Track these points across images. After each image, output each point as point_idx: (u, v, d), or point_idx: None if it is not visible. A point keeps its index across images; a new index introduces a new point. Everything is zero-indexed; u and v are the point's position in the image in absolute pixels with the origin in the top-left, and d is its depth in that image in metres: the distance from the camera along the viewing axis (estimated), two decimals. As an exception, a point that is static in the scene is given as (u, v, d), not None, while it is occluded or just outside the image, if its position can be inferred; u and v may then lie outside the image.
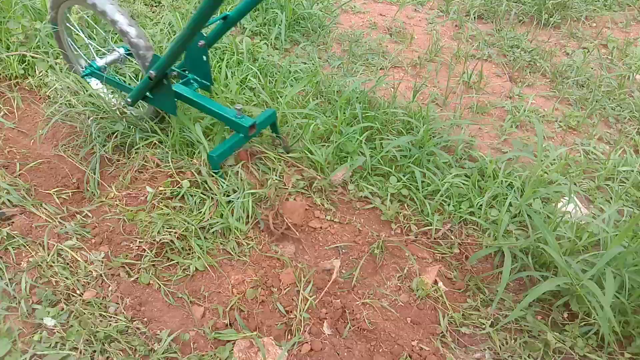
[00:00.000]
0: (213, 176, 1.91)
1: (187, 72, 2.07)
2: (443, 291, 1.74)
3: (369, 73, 2.90)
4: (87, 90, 2.22)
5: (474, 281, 1.80)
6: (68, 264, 1.71)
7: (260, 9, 3.17)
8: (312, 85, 2.56)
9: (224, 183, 1.89)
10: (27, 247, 1.75)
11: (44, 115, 2.28)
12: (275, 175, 2.00)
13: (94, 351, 1.46)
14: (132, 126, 2.16)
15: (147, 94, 1.97)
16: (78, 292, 1.62)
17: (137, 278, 1.69)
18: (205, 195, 1.89)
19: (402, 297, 1.74)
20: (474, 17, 3.62)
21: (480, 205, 1.99)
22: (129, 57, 2.22)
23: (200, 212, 1.84)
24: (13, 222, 1.83)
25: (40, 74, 2.56)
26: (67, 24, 2.21)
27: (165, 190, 1.90)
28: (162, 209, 1.85)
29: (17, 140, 2.25)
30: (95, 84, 2.34)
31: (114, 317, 1.56)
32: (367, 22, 3.53)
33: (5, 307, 1.55)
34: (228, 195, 1.87)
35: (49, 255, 1.71)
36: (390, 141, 2.16)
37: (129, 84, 2.21)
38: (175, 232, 1.76)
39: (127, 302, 1.61)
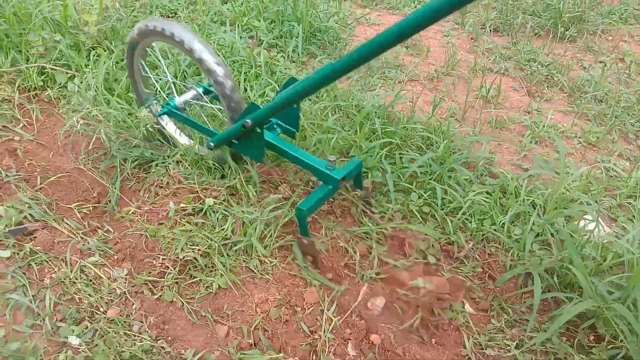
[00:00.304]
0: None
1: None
2: (467, 312, 1.72)
3: (386, 87, 2.90)
4: (109, 103, 2.22)
5: (497, 301, 1.78)
6: (91, 280, 1.70)
7: (277, 21, 3.18)
8: (330, 99, 2.56)
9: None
10: (50, 262, 1.75)
11: (65, 126, 2.28)
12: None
13: (120, 371, 1.45)
14: (152, 150, 2.15)
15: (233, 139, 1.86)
16: (102, 309, 1.61)
17: (160, 296, 1.68)
18: (227, 211, 1.88)
19: (425, 317, 1.72)
20: (490, 30, 3.62)
21: (503, 223, 1.97)
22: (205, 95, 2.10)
23: (223, 229, 1.83)
24: (35, 237, 1.83)
25: (60, 85, 2.57)
26: (143, 61, 2.09)
27: (186, 206, 1.90)
28: (185, 225, 1.84)
29: (36, 152, 2.26)
30: (165, 123, 2.22)
31: (138, 336, 1.55)
32: (382, 34, 3.52)
33: (30, 325, 1.55)
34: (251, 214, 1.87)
35: (72, 271, 1.71)
36: (410, 157, 2.15)
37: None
38: (199, 249, 1.75)
39: (151, 320, 1.61)
